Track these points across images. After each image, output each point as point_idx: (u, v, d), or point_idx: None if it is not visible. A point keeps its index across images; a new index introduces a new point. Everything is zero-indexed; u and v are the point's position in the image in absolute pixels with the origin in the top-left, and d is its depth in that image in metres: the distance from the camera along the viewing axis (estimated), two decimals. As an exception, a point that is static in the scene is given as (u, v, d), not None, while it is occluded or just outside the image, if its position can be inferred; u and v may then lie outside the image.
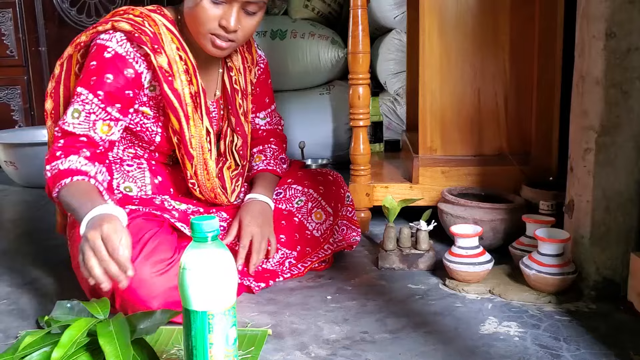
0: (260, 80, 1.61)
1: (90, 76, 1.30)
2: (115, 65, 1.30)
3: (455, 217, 1.60)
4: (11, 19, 2.97)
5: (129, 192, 1.45)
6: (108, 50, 1.30)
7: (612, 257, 1.32)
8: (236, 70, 1.50)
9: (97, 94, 1.30)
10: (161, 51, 1.32)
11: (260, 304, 1.36)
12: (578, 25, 1.36)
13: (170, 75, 1.33)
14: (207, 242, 0.92)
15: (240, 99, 1.52)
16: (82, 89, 1.30)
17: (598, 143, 1.30)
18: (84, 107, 1.30)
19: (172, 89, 1.34)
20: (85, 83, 1.30)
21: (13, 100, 3.06)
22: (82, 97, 1.30)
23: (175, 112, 1.35)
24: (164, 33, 1.34)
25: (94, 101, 1.30)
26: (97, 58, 1.30)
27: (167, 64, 1.33)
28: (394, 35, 2.57)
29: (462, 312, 1.30)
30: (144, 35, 1.31)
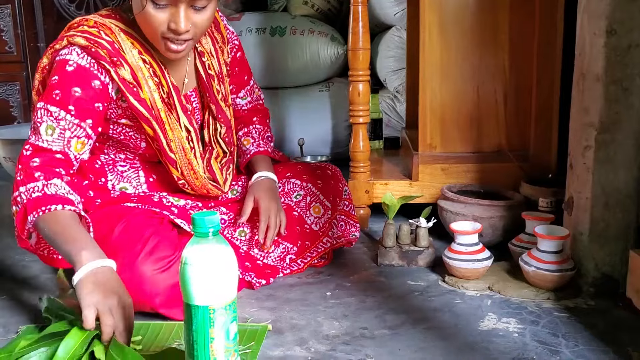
0: (236, 58, 1.57)
1: (53, 90, 1.22)
2: (80, 77, 1.24)
3: (454, 214, 1.61)
4: (10, 15, 2.97)
5: (125, 191, 1.44)
6: (69, 64, 1.24)
7: (611, 254, 1.33)
8: (208, 54, 1.44)
9: (68, 109, 1.23)
10: (121, 62, 1.26)
11: (259, 299, 1.37)
12: (579, 22, 1.36)
13: (134, 86, 1.28)
14: (208, 237, 0.93)
15: (217, 84, 1.46)
16: (50, 106, 1.22)
17: (598, 140, 1.30)
18: (57, 123, 1.22)
19: (139, 100, 1.29)
20: (48, 99, 1.22)
21: (12, 96, 3.06)
22: (54, 114, 1.22)
23: (147, 121, 1.31)
24: (123, 40, 1.28)
25: (66, 118, 1.22)
26: (59, 72, 1.24)
27: (131, 74, 1.28)
28: (394, 32, 2.57)
29: (461, 308, 1.31)
30: (101, 49, 1.25)
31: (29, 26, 2.98)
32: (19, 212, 1.18)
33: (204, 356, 0.92)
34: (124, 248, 1.24)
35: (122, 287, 1.09)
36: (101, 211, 1.39)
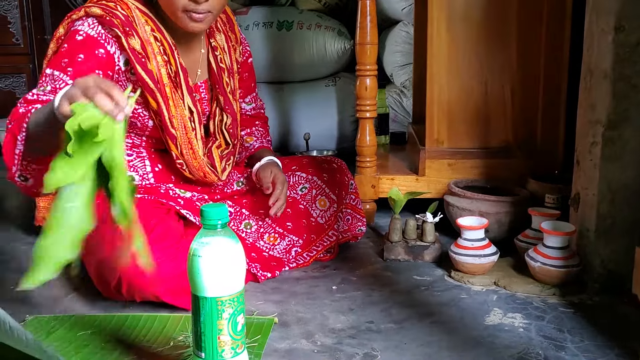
0: (247, 64, 1.62)
1: (61, 58, 1.27)
2: (86, 45, 1.28)
3: (461, 210, 1.61)
4: (17, 7, 2.97)
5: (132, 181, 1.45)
6: (80, 34, 1.29)
7: (617, 250, 1.33)
8: (221, 49, 1.49)
9: (66, 70, 1.25)
10: (133, 33, 1.31)
11: (266, 292, 1.37)
12: (587, 18, 1.35)
13: (143, 57, 1.32)
14: (217, 230, 0.93)
15: (227, 78, 1.51)
16: (52, 70, 1.25)
17: (605, 137, 1.30)
18: (53, 83, 1.24)
19: (146, 70, 1.33)
20: (55, 64, 1.26)
21: (18, 88, 3.07)
22: (52, 76, 1.24)
23: (151, 93, 1.34)
24: (137, 16, 1.33)
25: (62, 77, 1.26)
26: (68, 41, 1.28)
27: (140, 46, 1.32)
28: (401, 28, 2.56)
29: (467, 303, 1.31)
30: (115, 19, 1.30)
31: (36, 18, 2.98)
32: (5, 140, 1.12)
33: (212, 348, 0.93)
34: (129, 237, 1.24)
35: None
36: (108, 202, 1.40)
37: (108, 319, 1.24)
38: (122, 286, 1.24)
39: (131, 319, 1.23)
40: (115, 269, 1.23)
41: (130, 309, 1.29)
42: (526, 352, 1.09)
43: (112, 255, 1.25)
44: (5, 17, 2.97)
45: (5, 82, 3.06)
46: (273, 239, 1.49)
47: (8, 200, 2.28)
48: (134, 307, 1.29)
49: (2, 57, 3.02)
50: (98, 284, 1.33)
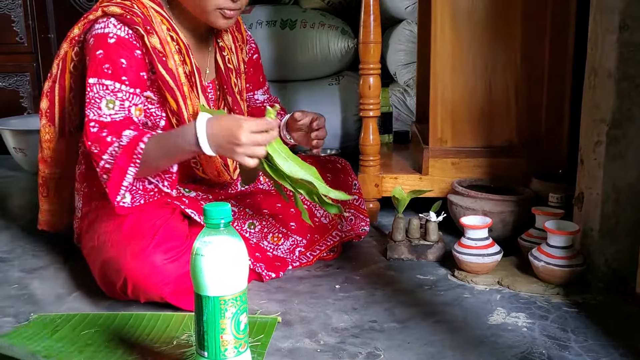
0: (253, 60, 1.63)
1: (101, 64, 1.28)
2: (122, 48, 1.29)
3: (464, 209, 1.61)
4: (21, 6, 2.97)
5: None
6: (110, 36, 1.29)
7: (621, 250, 1.33)
8: (228, 49, 1.50)
9: (121, 80, 1.29)
10: (153, 32, 1.32)
11: (269, 291, 1.37)
12: (591, 17, 1.35)
13: (163, 56, 1.33)
14: (219, 229, 0.93)
15: (235, 78, 1.52)
16: (105, 80, 1.28)
17: (609, 136, 1.30)
18: (115, 96, 1.28)
19: (167, 69, 1.33)
20: (100, 73, 1.28)
21: (22, 87, 3.06)
22: (110, 88, 1.28)
23: (171, 91, 1.34)
24: (154, 15, 1.34)
25: (122, 88, 1.29)
26: (102, 46, 1.29)
27: (160, 44, 1.33)
28: (405, 26, 2.56)
29: (470, 302, 1.31)
30: (135, 17, 1.30)
31: (39, 17, 2.98)
32: (112, 178, 1.25)
33: (215, 347, 0.93)
34: (134, 238, 1.25)
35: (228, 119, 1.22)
36: None
37: (112, 317, 1.24)
38: (128, 287, 1.25)
39: (135, 318, 1.24)
40: (121, 270, 1.23)
41: (134, 308, 1.29)
42: (529, 352, 1.09)
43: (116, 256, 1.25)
44: (8, 15, 2.97)
45: (9, 81, 3.06)
46: (277, 239, 1.49)
47: (11, 200, 2.29)
48: (138, 306, 1.29)
49: (6, 55, 3.02)
50: (102, 284, 1.33)
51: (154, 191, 1.33)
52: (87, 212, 1.45)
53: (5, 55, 3.01)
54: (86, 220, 1.44)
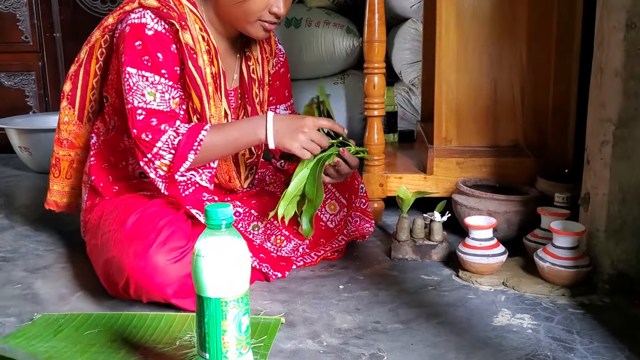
0: (280, 73, 1.62)
1: (140, 56, 1.29)
2: (161, 43, 1.31)
3: (469, 209, 1.60)
4: (26, 5, 2.97)
5: (144, 177, 1.46)
6: (148, 28, 1.30)
7: (627, 251, 1.31)
8: (254, 60, 1.51)
9: (161, 73, 1.31)
10: (186, 28, 1.33)
11: (272, 292, 1.37)
12: (598, 15, 1.34)
13: (194, 53, 1.34)
14: (221, 230, 0.93)
15: (257, 89, 1.52)
16: (145, 72, 1.29)
17: (616, 135, 1.28)
18: (156, 88, 1.30)
19: (196, 66, 1.34)
20: (140, 64, 1.29)
21: (27, 86, 3.07)
22: (150, 79, 1.30)
23: (197, 90, 1.35)
24: (188, 13, 1.36)
25: (161, 81, 1.31)
26: (140, 37, 1.30)
27: (192, 41, 1.34)
28: (410, 25, 2.55)
29: (475, 303, 1.30)
30: (171, 11, 1.32)
31: (45, 16, 2.99)
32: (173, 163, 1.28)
33: (216, 348, 0.93)
34: (137, 237, 1.25)
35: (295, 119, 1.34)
36: (118, 199, 1.41)
37: (115, 318, 1.24)
38: (130, 287, 1.24)
39: (137, 318, 1.23)
40: (123, 269, 1.23)
41: (137, 308, 1.29)
42: (534, 354, 1.08)
43: (119, 255, 1.25)
44: (14, 14, 2.98)
45: (15, 80, 3.07)
46: (279, 242, 1.49)
47: (16, 199, 2.29)
48: (141, 306, 1.29)
49: (12, 54, 3.03)
50: (105, 283, 1.33)
51: (187, 184, 1.35)
52: (91, 206, 1.46)
53: (10, 54, 3.02)
54: (90, 215, 1.45)
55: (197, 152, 1.28)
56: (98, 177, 1.46)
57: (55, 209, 1.62)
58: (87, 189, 1.50)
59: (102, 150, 1.47)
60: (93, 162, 1.48)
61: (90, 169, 1.48)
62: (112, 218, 1.34)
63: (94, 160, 1.48)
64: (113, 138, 1.47)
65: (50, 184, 1.61)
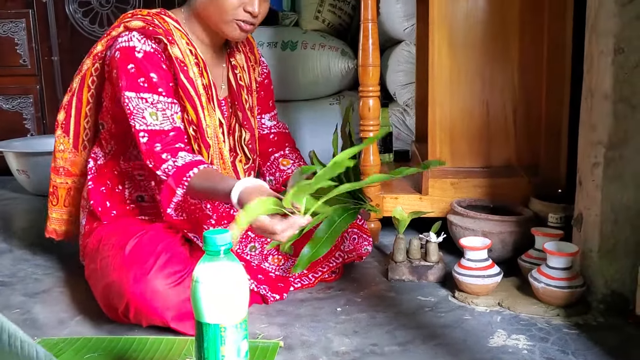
0: (264, 84, 1.67)
1: (136, 78, 1.32)
2: (152, 63, 1.33)
3: (464, 229, 1.61)
4: (24, 29, 3.00)
5: (140, 201, 1.48)
6: (137, 51, 1.33)
7: (620, 271, 1.33)
8: (240, 68, 1.55)
9: (158, 92, 1.33)
10: (174, 42, 1.36)
11: (270, 315, 1.38)
12: (587, 40, 1.37)
13: (184, 65, 1.37)
14: (219, 256, 0.94)
15: (246, 95, 1.56)
16: (143, 94, 1.32)
17: (607, 157, 1.31)
18: (156, 107, 1.33)
19: (188, 78, 1.37)
20: (136, 87, 1.32)
21: (25, 108, 3.09)
22: (149, 100, 1.32)
23: (192, 101, 1.38)
24: (173, 29, 1.39)
25: (160, 99, 1.33)
26: (131, 60, 1.33)
27: (181, 55, 1.37)
28: (404, 47, 2.58)
29: (471, 324, 1.31)
30: (157, 28, 1.35)
31: (43, 40, 3.01)
32: (164, 190, 1.30)
33: (216, 373, 0.94)
34: (136, 262, 1.26)
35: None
36: (116, 224, 1.42)
37: (114, 342, 1.25)
38: (130, 311, 1.25)
39: (137, 342, 1.24)
40: (123, 294, 1.24)
41: (136, 332, 1.29)
42: (530, 375, 1.09)
43: (119, 280, 1.26)
44: (12, 39, 3.01)
45: (13, 103, 3.09)
46: (277, 260, 1.50)
47: (14, 222, 2.30)
48: (140, 330, 1.30)
49: (10, 78, 3.05)
50: (104, 307, 1.34)
51: (195, 206, 1.37)
52: (90, 231, 1.48)
53: (8, 77, 3.04)
54: (88, 239, 1.46)
55: (184, 188, 1.28)
56: (96, 202, 1.48)
57: (55, 237, 1.64)
58: (85, 214, 1.52)
59: (100, 174, 1.50)
60: (91, 187, 1.49)
61: (88, 193, 1.50)
62: (111, 243, 1.35)
63: (91, 185, 1.49)
64: (110, 162, 1.49)
65: (49, 211, 1.62)
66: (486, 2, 1.75)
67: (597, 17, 1.31)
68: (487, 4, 1.75)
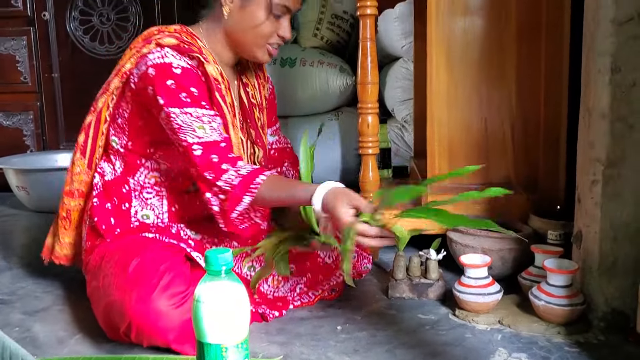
0: (269, 100, 1.68)
1: (177, 94, 1.32)
2: (190, 78, 1.34)
3: (464, 246, 1.62)
4: (25, 46, 3.02)
5: (146, 219, 1.47)
6: (174, 66, 1.33)
7: (620, 289, 1.33)
8: (251, 86, 1.57)
9: (201, 105, 1.33)
10: (209, 61, 1.38)
11: (270, 333, 1.37)
12: (584, 59, 1.38)
13: (218, 83, 1.39)
14: (220, 276, 0.94)
15: (258, 112, 1.58)
16: (187, 109, 1.31)
17: (605, 175, 1.31)
18: (202, 121, 1.32)
19: (221, 96, 1.40)
20: (180, 103, 1.31)
21: (25, 125, 3.10)
22: (194, 115, 1.32)
23: (224, 119, 1.40)
24: (202, 47, 1.41)
25: (204, 112, 1.33)
26: (170, 76, 1.32)
27: (214, 72, 1.39)
28: (402, 64, 2.60)
29: (472, 342, 1.31)
30: (192, 46, 1.37)
31: (44, 57, 3.03)
32: (228, 199, 1.31)
33: (217, 394, 0.93)
34: (139, 282, 1.25)
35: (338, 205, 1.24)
36: (119, 242, 1.41)
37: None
38: (132, 331, 1.25)
39: (137, 362, 1.24)
40: (125, 314, 1.24)
41: (136, 351, 1.29)
42: (531, 394, 1.09)
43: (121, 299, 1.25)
44: (13, 56, 3.03)
45: (13, 120, 3.10)
46: (277, 282, 1.50)
47: (13, 239, 2.29)
48: (140, 349, 1.29)
49: (10, 95, 3.07)
50: (104, 326, 1.34)
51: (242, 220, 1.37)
52: (92, 247, 1.46)
53: (9, 94, 3.06)
54: (91, 256, 1.44)
55: (252, 195, 1.30)
56: (101, 219, 1.46)
57: (66, 262, 1.58)
58: (86, 229, 1.50)
59: (106, 191, 1.48)
60: (97, 204, 1.47)
61: (92, 209, 1.47)
62: (114, 261, 1.34)
63: (97, 202, 1.47)
64: (118, 179, 1.48)
65: (61, 237, 1.56)
66: (483, 19, 1.76)
67: (594, 36, 1.32)
68: (484, 22, 1.76)
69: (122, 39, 2.96)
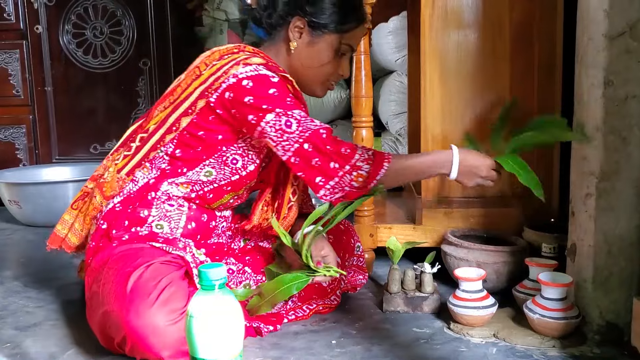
0: None
1: (283, 99, 1.35)
2: (286, 89, 1.38)
3: (458, 260, 1.61)
4: (18, 60, 3.03)
5: (159, 229, 1.44)
6: (271, 77, 1.36)
7: (615, 302, 1.33)
8: None
9: (300, 107, 1.39)
10: (291, 81, 1.42)
11: (264, 348, 1.36)
12: (577, 72, 1.39)
13: (301, 103, 1.44)
14: (214, 291, 0.94)
15: None
16: (292, 111, 1.35)
17: (599, 188, 1.32)
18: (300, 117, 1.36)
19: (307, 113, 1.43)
20: (287, 106, 1.35)
21: (18, 139, 3.09)
22: (295, 113, 1.35)
23: None
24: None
25: (301, 114, 1.36)
26: (270, 85, 1.35)
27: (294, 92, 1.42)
28: (395, 78, 2.61)
29: (467, 356, 1.30)
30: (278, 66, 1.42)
31: (36, 70, 3.03)
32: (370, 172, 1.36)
33: (210, 411, 0.92)
34: (139, 295, 1.23)
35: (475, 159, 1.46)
36: (124, 249, 1.38)
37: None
38: (127, 344, 1.23)
39: (129, 378, 1.22)
40: (121, 326, 1.22)
41: (129, 367, 1.28)
42: (527, 409, 1.08)
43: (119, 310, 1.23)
44: (6, 69, 3.03)
45: (5, 133, 3.09)
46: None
47: (4, 254, 2.28)
48: (132, 365, 1.28)
49: (3, 108, 3.06)
50: (99, 335, 1.32)
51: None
52: (95, 248, 1.43)
53: (1, 108, 3.06)
54: (93, 258, 1.42)
55: (390, 162, 1.37)
56: (113, 223, 1.42)
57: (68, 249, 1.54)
58: (95, 228, 1.46)
59: (133, 197, 1.45)
60: (119, 209, 1.44)
61: (107, 212, 1.44)
62: (116, 269, 1.31)
63: (119, 206, 1.44)
64: (148, 186, 1.45)
65: (68, 217, 1.53)
66: (477, 33, 1.78)
67: (587, 50, 1.33)
68: (477, 36, 1.78)
69: (116, 52, 2.96)
